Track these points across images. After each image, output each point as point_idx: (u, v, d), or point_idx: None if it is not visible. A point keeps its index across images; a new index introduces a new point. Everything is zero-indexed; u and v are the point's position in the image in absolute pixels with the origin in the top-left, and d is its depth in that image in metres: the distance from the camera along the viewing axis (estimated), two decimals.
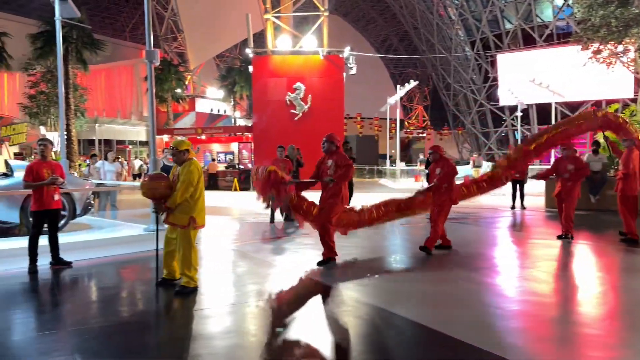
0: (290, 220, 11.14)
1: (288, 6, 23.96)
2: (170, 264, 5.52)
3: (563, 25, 38.70)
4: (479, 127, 45.83)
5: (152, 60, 8.84)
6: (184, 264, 5.27)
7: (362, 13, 65.33)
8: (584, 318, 4.55)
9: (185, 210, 5.23)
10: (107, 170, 11.74)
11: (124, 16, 56.36)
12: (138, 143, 41.09)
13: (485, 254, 7.42)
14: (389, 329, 4.29)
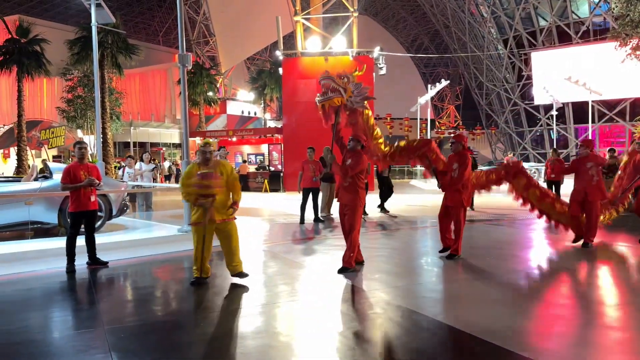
0: (320, 221, 11.17)
1: (318, 8, 24.01)
2: (205, 263, 5.71)
3: (600, 22, 37.55)
4: (513, 126, 44.90)
5: (185, 64, 9.00)
6: (236, 253, 5.74)
7: (392, 13, 64.95)
8: (619, 322, 4.39)
9: (227, 204, 5.64)
10: (144, 172, 12.01)
11: (157, 21, 57.63)
12: (171, 145, 41.91)
13: (520, 256, 7.26)
14: (420, 331, 4.25)
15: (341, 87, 6.05)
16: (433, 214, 12.64)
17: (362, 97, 6.16)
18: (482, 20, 43.86)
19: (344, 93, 6.04)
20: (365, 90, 6.22)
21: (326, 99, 6.09)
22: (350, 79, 6.15)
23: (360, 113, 6.27)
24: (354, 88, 6.10)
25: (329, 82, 6.08)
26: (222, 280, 6.07)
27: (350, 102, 6.11)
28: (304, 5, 24.38)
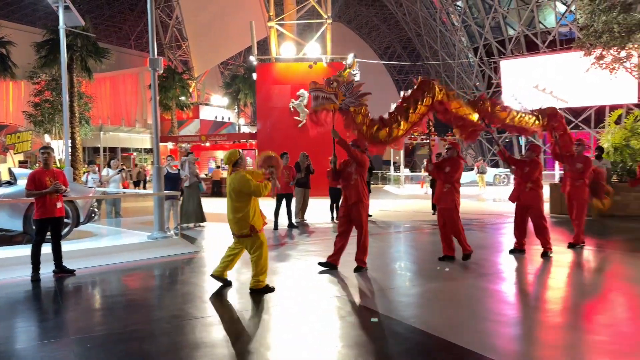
0: (294, 226, 11.14)
1: (292, 14, 24.06)
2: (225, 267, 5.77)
3: (566, 32, 38.68)
4: (483, 133, 45.71)
5: (156, 68, 8.89)
6: (256, 268, 5.53)
7: (365, 20, 65.55)
8: (590, 324, 4.51)
9: (245, 221, 5.45)
10: (112, 177, 11.79)
11: (128, 24, 56.78)
12: (143, 150, 41.26)
13: (491, 260, 7.38)
14: (392, 336, 4.26)
15: (332, 93, 6.10)
16: (406, 218, 12.78)
17: (355, 96, 6.20)
18: (453, 29, 44.68)
19: (335, 99, 6.09)
20: (358, 88, 6.24)
21: (319, 105, 6.14)
22: (340, 82, 6.16)
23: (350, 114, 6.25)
24: (344, 90, 6.14)
25: (318, 92, 6.14)
26: (194, 288, 5.99)
27: (345, 105, 6.15)
28: (277, 11, 24.39)
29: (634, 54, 16.31)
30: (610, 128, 14.61)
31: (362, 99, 6.27)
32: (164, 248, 8.21)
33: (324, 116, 6.22)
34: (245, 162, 5.72)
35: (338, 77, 6.21)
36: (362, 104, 6.26)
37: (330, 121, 6.28)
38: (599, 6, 15.59)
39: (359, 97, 6.24)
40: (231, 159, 5.53)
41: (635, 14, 15.20)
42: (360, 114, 6.28)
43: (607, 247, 8.35)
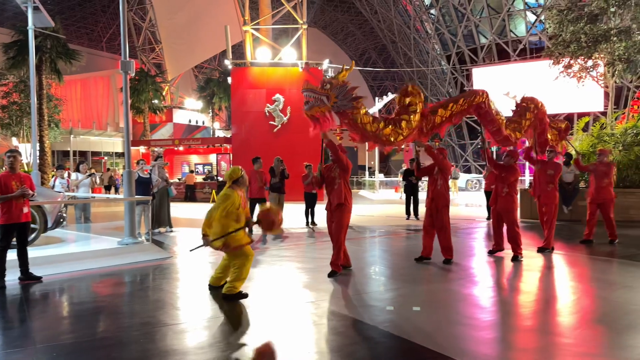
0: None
1: (267, 19, 24.04)
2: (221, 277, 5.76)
3: (536, 40, 39.67)
4: (456, 139, 46.48)
5: (128, 71, 8.75)
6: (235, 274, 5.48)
7: (340, 27, 65.99)
8: (558, 327, 4.60)
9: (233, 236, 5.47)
10: (80, 181, 11.53)
11: (100, 26, 55.89)
12: (114, 154, 40.53)
13: (462, 265, 7.47)
14: (365, 341, 4.27)
15: (323, 95, 6.12)
16: (381, 223, 12.86)
17: (348, 99, 6.22)
18: (427, 37, 45.34)
19: (327, 101, 6.12)
20: (352, 91, 6.26)
21: (310, 108, 6.17)
22: (334, 84, 6.19)
23: (348, 114, 6.31)
24: (337, 92, 6.16)
25: (310, 93, 6.18)
26: (165, 294, 5.90)
27: (336, 107, 6.19)
28: (253, 16, 24.33)
29: (600, 64, 16.82)
30: (578, 135, 15.02)
31: (356, 102, 6.29)
32: (135, 254, 8.07)
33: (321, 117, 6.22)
34: (245, 182, 5.69)
35: (332, 80, 6.25)
36: (355, 107, 6.29)
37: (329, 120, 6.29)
38: (567, 17, 16.04)
39: (352, 100, 6.27)
40: (232, 177, 5.56)
41: (601, 25, 15.69)
42: (359, 114, 6.33)
43: (576, 251, 8.55)
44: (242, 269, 5.48)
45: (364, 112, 6.40)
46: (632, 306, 5.07)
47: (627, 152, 12.78)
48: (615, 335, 4.31)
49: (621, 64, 15.11)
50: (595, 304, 5.45)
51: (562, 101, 35.10)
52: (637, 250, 8.45)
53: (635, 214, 12.40)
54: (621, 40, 14.93)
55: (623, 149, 12.96)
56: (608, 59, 15.66)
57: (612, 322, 4.71)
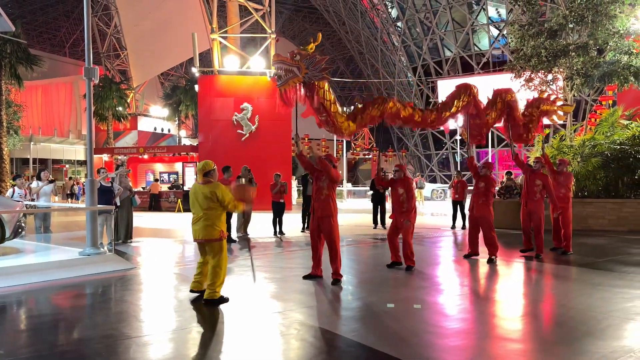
0: (233, 241, 10.98)
1: (235, 27, 23.96)
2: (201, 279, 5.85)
3: (498, 54, 40.87)
4: (422, 149, 47.26)
5: (91, 77, 8.57)
6: (215, 276, 5.58)
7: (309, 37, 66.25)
8: (519, 334, 4.71)
9: (216, 226, 5.59)
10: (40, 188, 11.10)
11: (63, 32, 54.58)
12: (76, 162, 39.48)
13: (427, 273, 7.57)
14: (332, 351, 4.27)
15: (294, 66, 6.11)
16: (349, 232, 12.91)
17: (318, 69, 6.21)
18: (394, 49, 46.11)
19: (298, 72, 6.12)
20: (321, 61, 6.24)
21: (284, 83, 6.15)
22: (303, 54, 6.19)
23: (314, 86, 6.30)
24: (307, 64, 6.15)
25: (281, 64, 6.18)
26: (128, 306, 5.75)
27: (308, 78, 6.18)
28: (221, 24, 24.23)
29: (560, 77, 17.43)
30: (539, 147, 15.50)
31: (325, 73, 6.30)
32: (97, 265, 7.84)
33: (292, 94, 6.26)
34: (216, 175, 5.80)
35: (301, 51, 6.24)
36: (325, 77, 6.31)
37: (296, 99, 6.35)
38: (528, 32, 16.59)
39: (322, 70, 6.26)
40: (205, 168, 5.67)
41: (560, 40, 16.30)
42: (323, 88, 6.38)
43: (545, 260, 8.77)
44: (221, 269, 5.60)
45: (327, 87, 6.47)
46: (590, 313, 5.24)
47: (585, 164, 13.26)
48: (575, 341, 4.44)
49: (579, 78, 15.70)
50: (556, 311, 5.60)
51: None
52: (596, 258, 8.75)
53: (593, 223, 12.86)
54: (579, 55, 15.54)
55: (581, 160, 13.44)
56: (567, 73, 16.25)
57: (572, 328, 4.86)
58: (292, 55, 6.24)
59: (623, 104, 17.21)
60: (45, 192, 10.97)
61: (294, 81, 6.14)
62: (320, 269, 7.00)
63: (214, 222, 5.58)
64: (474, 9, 39.91)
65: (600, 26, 15.19)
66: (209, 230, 5.57)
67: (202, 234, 5.60)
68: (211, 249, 5.67)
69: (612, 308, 5.36)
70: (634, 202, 12.94)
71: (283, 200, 12.63)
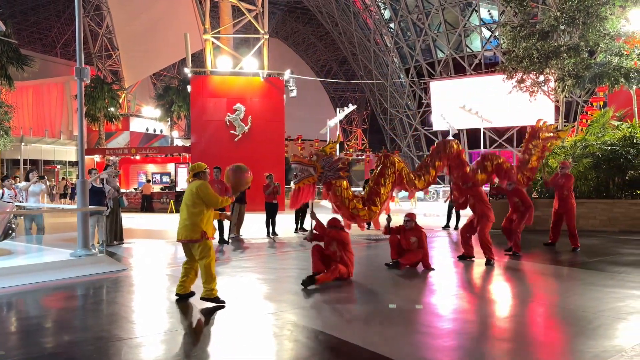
0: (226, 242, 10.94)
1: (228, 27, 23.93)
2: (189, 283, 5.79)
3: (490, 56, 41.07)
4: (415, 150, 47.38)
5: (83, 78, 8.51)
6: (208, 276, 5.51)
7: (302, 38, 66.37)
8: (512, 334, 4.73)
9: (197, 227, 5.50)
10: (31, 192, 10.97)
11: (55, 32, 54.22)
12: (67, 163, 39.19)
13: (421, 274, 7.58)
14: (327, 351, 4.26)
15: (310, 166, 6.51)
16: None
17: (334, 169, 6.59)
18: (386, 50, 46.21)
19: (313, 172, 6.49)
20: (337, 161, 6.62)
21: (299, 180, 6.52)
22: (320, 156, 6.58)
23: (332, 185, 6.69)
24: (323, 163, 6.55)
25: (297, 165, 6.58)
26: (119, 308, 5.71)
27: (323, 178, 6.57)
28: (214, 25, 24.18)
29: (551, 79, 17.55)
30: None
31: (342, 172, 6.66)
32: (88, 266, 7.78)
33: (306, 191, 6.59)
34: (207, 177, 5.87)
35: (319, 152, 6.67)
36: (341, 177, 6.66)
37: (310, 195, 6.69)
38: (520, 33, 16.69)
39: (338, 170, 6.62)
40: (195, 169, 5.73)
41: (552, 41, 16.41)
42: (341, 186, 6.72)
43: (527, 259, 8.81)
44: (210, 267, 5.54)
45: (345, 186, 6.80)
46: (582, 312, 5.26)
47: (576, 164, 13.34)
48: (567, 341, 4.46)
49: (570, 79, 15.82)
50: (548, 311, 5.63)
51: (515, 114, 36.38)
52: (587, 258, 8.80)
53: (585, 223, 12.92)
54: (570, 56, 15.65)
55: (572, 160, 13.52)
56: (558, 75, 16.36)
57: (564, 328, 4.88)
58: (310, 155, 6.70)
59: (614, 105, 17.34)
60: (34, 192, 10.82)
61: (308, 180, 6.50)
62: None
63: (195, 221, 5.50)
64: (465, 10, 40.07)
65: (591, 28, 15.31)
66: (189, 230, 5.51)
67: (184, 234, 5.56)
68: (195, 250, 5.59)
69: (604, 308, 5.39)
70: (625, 202, 13.03)
71: (276, 201, 12.61)
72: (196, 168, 5.72)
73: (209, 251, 5.59)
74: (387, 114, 49.68)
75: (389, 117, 49.83)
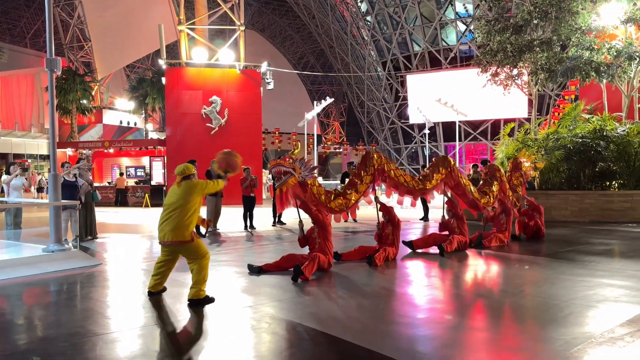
0: (203, 236, 10.85)
1: (203, 19, 23.60)
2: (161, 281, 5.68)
3: (466, 49, 41.50)
4: (392, 143, 47.70)
5: (53, 69, 8.30)
6: (200, 276, 5.37)
7: (279, 30, 65.95)
8: (486, 323, 4.82)
9: (187, 228, 5.39)
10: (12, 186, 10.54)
11: (24, 22, 52.71)
12: (38, 157, 38.29)
13: (397, 264, 7.66)
14: (304, 343, 4.28)
15: (291, 167, 6.82)
16: None
17: (309, 169, 7.06)
18: (363, 43, 46.27)
19: (294, 172, 6.83)
20: (309, 162, 7.16)
21: (283, 183, 6.78)
22: (294, 158, 6.97)
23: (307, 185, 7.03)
24: (300, 165, 6.95)
25: (279, 167, 6.82)
26: (94, 303, 5.63)
27: (302, 178, 6.98)
28: (188, 16, 23.83)
29: (524, 72, 17.83)
30: (505, 140, 15.84)
31: (313, 172, 7.14)
32: (61, 261, 7.63)
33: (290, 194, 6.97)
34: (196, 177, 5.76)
35: (292, 155, 7.06)
36: (314, 176, 7.16)
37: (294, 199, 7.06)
38: (495, 27, 16.89)
39: (312, 170, 7.13)
40: (185, 172, 5.56)
41: (525, 35, 16.65)
42: (315, 185, 7.17)
43: (502, 250, 8.98)
44: (202, 270, 5.39)
45: (317, 184, 7.28)
46: (553, 301, 5.40)
47: (548, 157, 13.61)
48: (538, 329, 4.57)
49: (543, 73, 16.08)
50: (521, 299, 5.75)
51: (490, 108, 36.92)
52: (559, 248, 9.01)
53: (557, 214, 13.23)
54: (543, 50, 15.91)
55: (545, 153, 13.80)
56: (531, 68, 16.63)
57: (535, 316, 5.00)
58: (287, 159, 6.97)
59: (585, 98, 17.73)
60: (15, 186, 10.43)
61: (292, 181, 6.82)
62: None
63: (186, 223, 5.36)
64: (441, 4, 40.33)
65: (563, 22, 15.58)
66: (180, 231, 5.33)
67: (171, 236, 5.33)
68: (189, 251, 5.42)
69: (574, 296, 5.54)
70: (595, 193, 13.37)
71: (254, 194, 12.55)
72: (186, 171, 5.56)
73: (204, 249, 5.49)
74: (365, 107, 49.85)
75: (366, 110, 50.01)
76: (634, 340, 4.13)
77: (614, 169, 13.78)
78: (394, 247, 7.96)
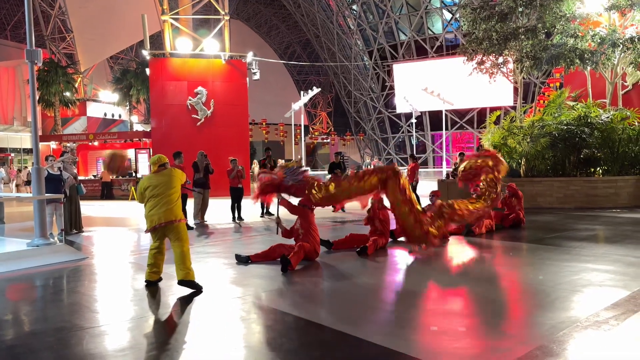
0: (191, 228, 10.78)
1: (187, 8, 23.30)
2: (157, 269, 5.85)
3: (452, 38, 41.55)
4: (379, 133, 47.74)
5: (35, 61, 8.14)
6: (186, 258, 5.54)
7: (264, 19, 65.41)
8: (473, 309, 4.86)
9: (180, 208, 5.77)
10: None
11: (3, 13, 51.64)
12: (22, 151, 37.73)
13: (381, 253, 7.68)
14: (292, 332, 4.28)
15: (274, 174, 7.23)
16: None
17: (294, 176, 7.17)
18: (349, 32, 46.08)
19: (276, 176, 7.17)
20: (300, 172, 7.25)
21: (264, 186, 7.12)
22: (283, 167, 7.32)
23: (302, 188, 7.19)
24: (286, 172, 7.18)
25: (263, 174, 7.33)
26: (81, 297, 5.57)
27: (287, 180, 7.15)
28: (172, 5, 23.50)
29: (510, 60, 17.88)
30: (490, 128, 15.92)
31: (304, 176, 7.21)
32: (47, 256, 7.54)
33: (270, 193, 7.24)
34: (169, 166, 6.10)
35: (284, 166, 7.40)
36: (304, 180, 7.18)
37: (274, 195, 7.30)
38: (480, 15, 16.88)
39: (299, 174, 7.22)
40: (161, 161, 5.91)
41: (510, 23, 16.68)
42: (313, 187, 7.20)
43: (488, 236, 9.05)
44: (186, 255, 5.57)
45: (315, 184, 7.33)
46: (539, 286, 5.45)
47: (534, 144, 13.72)
48: (525, 314, 4.61)
49: (528, 60, 16.14)
50: (508, 285, 5.81)
51: (475, 96, 37.09)
52: (544, 234, 9.11)
53: (542, 201, 13.37)
54: (528, 38, 15.96)
55: (530, 140, 13.90)
56: (517, 56, 16.68)
57: (522, 302, 5.05)
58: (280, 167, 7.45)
59: (569, 85, 17.87)
60: None
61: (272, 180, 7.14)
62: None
63: (177, 204, 5.72)
64: None
65: (547, 10, 15.61)
66: (173, 212, 5.62)
67: (166, 217, 5.57)
68: (176, 231, 5.62)
69: (560, 281, 5.60)
70: (580, 180, 13.53)
71: (241, 185, 12.49)
72: (162, 159, 5.95)
73: (186, 232, 5.74)
74: (352, 97, 49.76)
75: (353, 100, 49.94)
76: (618, 323, 4.20)
77: (598, 155, 13.93)
78: (384, 237, 8.02)
